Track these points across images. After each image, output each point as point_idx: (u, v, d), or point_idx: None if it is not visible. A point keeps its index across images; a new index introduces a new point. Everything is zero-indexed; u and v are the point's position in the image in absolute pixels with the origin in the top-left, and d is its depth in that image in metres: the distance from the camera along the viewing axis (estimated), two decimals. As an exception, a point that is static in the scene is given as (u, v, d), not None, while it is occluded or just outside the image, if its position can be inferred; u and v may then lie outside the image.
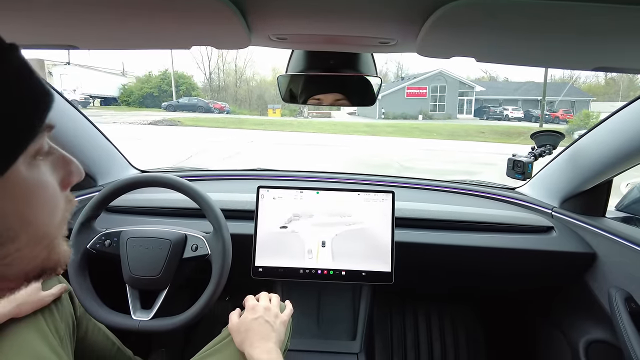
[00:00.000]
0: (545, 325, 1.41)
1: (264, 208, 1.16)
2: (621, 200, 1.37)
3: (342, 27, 0.61)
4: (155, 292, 1.00)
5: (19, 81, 0.29)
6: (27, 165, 0.30)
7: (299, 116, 25.26)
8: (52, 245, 0.34)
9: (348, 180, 1.57)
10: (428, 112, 25.84)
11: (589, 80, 36.62)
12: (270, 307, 0.87)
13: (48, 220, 0.33)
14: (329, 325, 1.23)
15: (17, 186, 0.29)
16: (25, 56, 0.30)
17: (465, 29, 0.52)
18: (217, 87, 36.43)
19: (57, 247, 0.35)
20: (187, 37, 0.64)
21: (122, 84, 28.04)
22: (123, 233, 1.02)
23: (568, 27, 0.49)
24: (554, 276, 1.30)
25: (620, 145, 1.01)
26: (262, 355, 0.74)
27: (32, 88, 0.30)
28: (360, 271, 1.13)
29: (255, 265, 1.14)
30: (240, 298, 0.93)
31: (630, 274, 1.03)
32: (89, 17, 0.54)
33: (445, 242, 1.22)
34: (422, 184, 1.58)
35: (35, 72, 0.30)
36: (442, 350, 1.65)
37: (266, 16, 0.56)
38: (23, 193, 0.30)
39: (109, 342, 1.07)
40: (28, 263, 0.32)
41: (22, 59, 0.29)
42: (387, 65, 43.64)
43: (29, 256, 0.32)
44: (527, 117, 24.16)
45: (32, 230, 0.31)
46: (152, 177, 1.05)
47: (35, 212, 0.31)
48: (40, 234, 0.32)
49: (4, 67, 0.28)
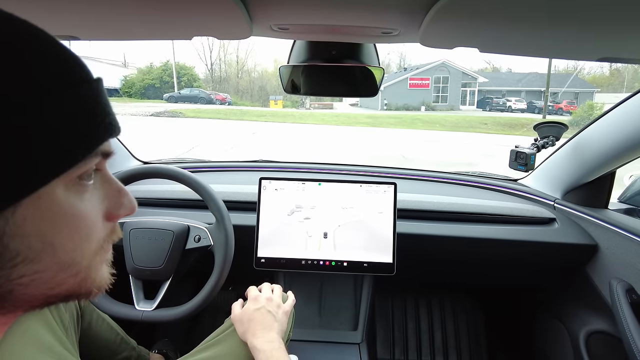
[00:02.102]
0: (545, 316, 1.41)
1: (266, 199, 1.16)
2: (624, 192, 1.36)
3: (344, 17, 0.60)
4: (158, 282, 1.01)
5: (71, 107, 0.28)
6: (65, 187, 0.29)
7: (301, 107, 25.17)
8: (85, 273, 0.32)
9: (350, 172, 1.57)
10: (431, 103, 25.69)
11: (594, 71, 36.36)
12: (272, 297, 0.88)
13: (77, 248, 0.31)
14: (331, 315, 1.24)
15: (48, 208, 0.28)
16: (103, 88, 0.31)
17: (469, 18, 0.52)
18: (218, 79, 36.34)
19: (92, 275, 0.33)
20: (189, 28, 0.64)
21: (123, 75, 27.93)
22: (126, 224, 1.03)
23: (572, 16, 0.49)
24: (556, 267, 1.31)
25: (624, 137, 1.01)
26: (264, 345, 0.75)
27: (90, 115, 0.29)
28: (362, 262, 1.14)
29: (257, 256, 1.15)
30: (242, 289, 0.93)
31: (632, 266, 1.03)
32: (90, 8, 0.54)
33: (447, 234, 1.22)
34: (424, 176, 1.58)
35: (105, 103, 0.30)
36: (443, 339, 1.67)
37: (267, 6, 0.55)
38: (52, 216, 0.28)
39: (113, 332, 1.08)
40: (52, 288, 0.30)
41: (97, 91, 0.29)
42: (389, 55, 43.43)
43: (52, 281, 0.30)
44: (531, 109, 24.01)
45: (57, 255, 0.29)
46: (154, 169, 1.06)
47: (61, 238, 0.29)
48: (66, 261, 0.30)
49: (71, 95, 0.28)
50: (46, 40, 0.28)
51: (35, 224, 0.27)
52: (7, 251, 0.26)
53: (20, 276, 0.28)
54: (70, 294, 0.32)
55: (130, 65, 31.14)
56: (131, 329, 1.18)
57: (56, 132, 0.27)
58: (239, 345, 0.81)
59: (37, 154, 0.26)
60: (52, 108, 0.27)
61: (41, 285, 0.29)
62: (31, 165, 0.26)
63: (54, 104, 0.27)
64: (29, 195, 0.26)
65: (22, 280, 0.28)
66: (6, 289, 0.28)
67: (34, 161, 0.26)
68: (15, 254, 0.27)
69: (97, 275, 0.33)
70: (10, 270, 0.27)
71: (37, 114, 0.26)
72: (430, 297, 1.75)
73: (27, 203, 0.26)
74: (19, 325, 0.79)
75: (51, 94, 0.27)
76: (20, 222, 0.26)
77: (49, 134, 0.26)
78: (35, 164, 0.26)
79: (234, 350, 0.81)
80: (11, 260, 0.27)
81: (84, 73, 0.29)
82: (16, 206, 0.26)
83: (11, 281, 0.27)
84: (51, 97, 0.27)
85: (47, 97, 0.26)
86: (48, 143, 0.26)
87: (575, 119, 15.76)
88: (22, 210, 0.26)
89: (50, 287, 0.30)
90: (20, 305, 0.30)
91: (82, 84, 0.28)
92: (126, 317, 0.97)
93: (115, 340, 1.08)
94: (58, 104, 0.27)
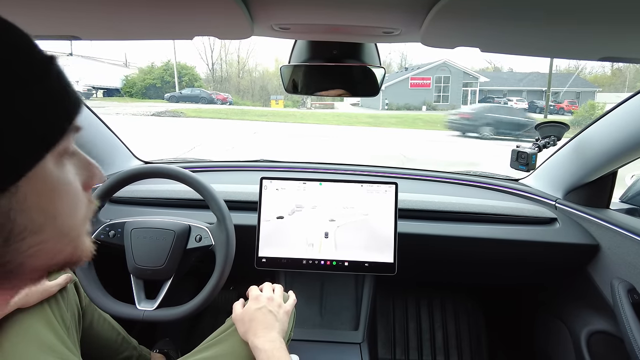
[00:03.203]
0: (547, 316, 1.41)
1: (267, 199, 1.16)
2: (626, 191, 1.36)
3: (345, 17, 0.60)
4: (159, 282, 1.01)
5: (56, 88, 0.31)
6: (54, 163, 0.32)
7: (302, 107, 25.14)
8: (77, 240, 0.36)
9: (351, 172, 1.57)
10: (432, 103, 25.65)
11: (595, 70, 36.19)
12: (273, 297, 0.88)
13: (71, 216, 0.35)
14: (332, 315, 1.24)
15: (44, 181, 0.31)
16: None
17: (470, 18, 0.52)
18: (219, 78, 36.29)
19: (81, 243, 0.37)
20: (190, 28, 0.64)
21: (124, 75, 27.93)
22: (127, 224, 1.03)
23: (574, 16, 0.49)
24: (557, 267, 1.31)
25: (626, 137, 1.01)
26: (265, 345, 0.75)
27: (65, 94, 0.32)
28: (363, 262, 1.14)
29: (258, 256, 1.15)
30: (243, 288, 0.94)
31: (633, 266, 1.03)
32: (92, 8, 0.54)
33: (448, 234, 1.22)
34: (425, 175, 1.57)
35: (68, 80, 0.33)
36: (444, 339, 1.67)
37: (269, 6, 0.55)
38: (48, 188, 0.32)
39: (114, 332, 1.08)
40: (53, 256, 0.34)
41: (59, 69, 0.32)
42: (390, 55, 43.23)
43: (53, 250, 0.34)
44: (532, 108, 23.90)
45: (57, 224, 0.33)
46: (155, 168, 1.06)
47: (58, 208, 0.33)
48: (65, 229, 0.34)
49: (47, 75, 0.30)
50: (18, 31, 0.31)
51: (35, 198, 0.30)
52: (15, 225, 0.29)
53: (29, 247, 0.31)
54: (66, 262, 0.36)
55: (132, 65, 31.15)
56: (132, 328, 1.18)
57: (45, 110, 0.30)
58: (240, 344, 0.81)
59: (34, 132, 0.29)
60: (42, 89, 0.30)
61: (45, 256, 0.33)
62: (29, 143, 0.29)
63: (44, 85, 0.30)
64: (29, 170, 0.29)
65: (30, 252, 0.31)
66: (18, 262, 0.31)
67: (31, 139, 0.29)
68: (22, 228, 0.30)
69: (84, 244, 0.38)
70: (19, 243, 0.30)
71: (29, 96, 0.29)
72: (431, 297, 1.75)
73: (27, 179, 0.29)
74: (20, 325, 0.79)
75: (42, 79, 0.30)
76: (22, 197, 0.29)
77: (41, 113, 0.30)
78: (32, 142, 0.29)
79: (235, 349, 0.82)
80: (20, 234, 0.30)
81: (48, 56, 0.32)
82: (18, 183, 0.29)
83: (22, 253, 0.31)
84: (42, 79, 0.30)
85: (38, 80, 0.30)
86: (41, 121, 0.30)
87: (576, 118, 15.72)
88: (24, 186, 0.29)
89: (51, 256, 0.34)
90: (25, 278, 0.34)
91: (52, 66, 0.31)
92: (127, 317, 0.97)
93: (116, 339, 1.08)
94: (48, 84, 0.30)
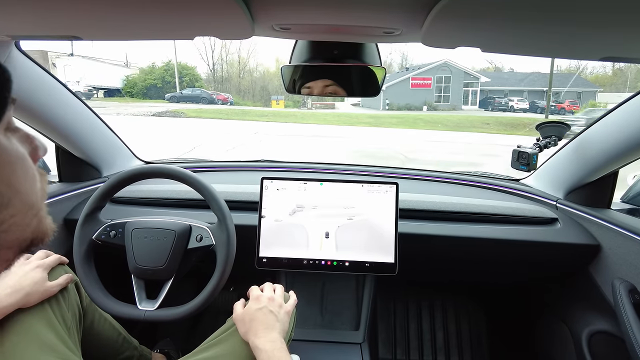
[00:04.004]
0: (548, 316, 1.41)
1: (267, 199, 1.16)
2: (627, 192, 1.36)
3: (346, 17, 0.60)
4: (160, 282, 1.01)
5: None
6: (3, 136, 0.33)
7: (303, 107, 25.16)
8: (40, 215, 0.37)
9: (352, 172, 1.57)
10: (433, 103, 25.66)
11: (596, 70, 36.19)
12: (274, 297, 0.88)
13: (32, 188, 0.35)
14: (333, 315, 1.24)
15: (2, 154, 0.32)
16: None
17: (471, 18, 0.51)
18: (220, 78, 36.34)
19: (44, 217, 0.38)
20: (191, 28, 0.64)
21: (125, 76, 28.01)
22: (128, 224, 1.03)
23: (575, 16, 0.49)
24: (558, 268, 1.30)
25: (627, 137, 1.00)
26: (266, 345, 0.75)
27: None
28: (364, 262, 1.14)
29: (259, 256, 1.15)
30: (244, 288, 0.94)
31: (635, 266, 1.03)
32: (92, 8, 0.54)
33: (449, 234, 1.22)
34: (426, 175, 1.57)
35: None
36: (444, 339, 1.66)
37: (269, 6, 0.55)
38: (6, 161, 0.32)
39: (115, 332, 1.08)
40: (23, 231, 0.35)
41: None
42: (391, 55, 43.26)
43: (22, 223, 0.35)
44: (533, 108, 23.93)
45: (22, 197, 0.34)
46: (156, 168, 1.06)
47: (20, 180, 0.34)
48: (29, 202, 0.35)
49: None
50: None
51: None
52: None
53: (2, 222, 0.32)
54: (34, 238, 0.37)
55: (132, 65, 31.19)
56: (133, 328, 1.18)
57: None
58: (241, 344, 0.81)
59: None
60: None
61: (16, 230, 0.34)
62: None
63: None
64: None
65: (3, 227, 0.33)
66: None
67: None
68: None
69: (47, 220, 0.38)
70: None
71: None
72: (432, 297, 1.75)
73: None
74: (21, 325, 0.79)
75: None
76: None
77: None
78: None
79: (236, 349, 0.82)
80: None
81: None
82: None
83: None
84: None
85: None
86: None
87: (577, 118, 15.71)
88: None
89: (22, 229, 0.35)
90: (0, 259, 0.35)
91: None
92: (128, 317, 0.97)
93: (117, 339, 1.08)
94: None
